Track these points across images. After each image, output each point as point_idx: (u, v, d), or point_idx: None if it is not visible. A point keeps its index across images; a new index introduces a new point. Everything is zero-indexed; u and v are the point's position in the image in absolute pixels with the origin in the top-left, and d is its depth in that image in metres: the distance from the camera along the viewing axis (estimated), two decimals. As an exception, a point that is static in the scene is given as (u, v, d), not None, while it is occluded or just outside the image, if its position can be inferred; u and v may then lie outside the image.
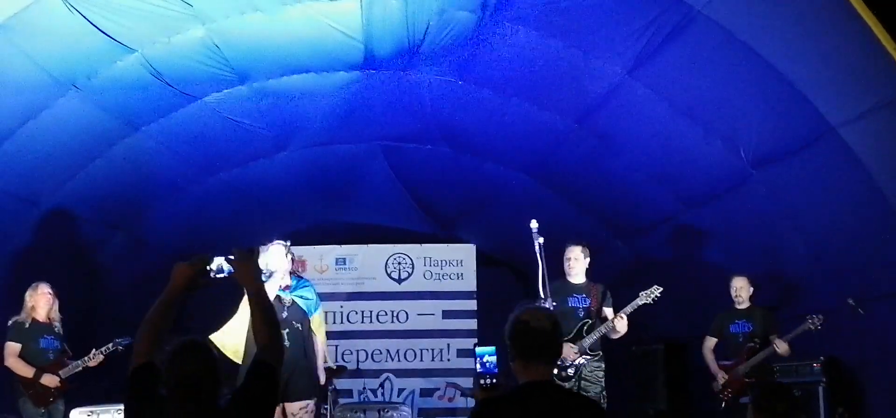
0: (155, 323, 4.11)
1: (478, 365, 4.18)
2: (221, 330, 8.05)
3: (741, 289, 8.91)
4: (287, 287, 8.10)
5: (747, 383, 8.62)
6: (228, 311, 7.99)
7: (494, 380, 4.13)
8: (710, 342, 9.15)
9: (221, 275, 4.21)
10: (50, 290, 8.74)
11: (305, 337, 8.12)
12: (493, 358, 4.13)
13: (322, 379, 8.46)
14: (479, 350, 4.22)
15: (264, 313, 4.13)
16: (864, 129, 7.11)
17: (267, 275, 7.83)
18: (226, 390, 4.04)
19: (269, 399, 3.98)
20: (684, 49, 7.53)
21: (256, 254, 4.25)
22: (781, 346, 8.43)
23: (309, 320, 8.17)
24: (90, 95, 8.08)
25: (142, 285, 10.97)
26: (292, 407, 7.87)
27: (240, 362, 7.74)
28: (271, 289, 7.89)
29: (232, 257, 4.17)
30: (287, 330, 7.89)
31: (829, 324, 8.25)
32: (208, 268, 4.20)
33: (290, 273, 8.22)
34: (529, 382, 3.87)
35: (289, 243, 8.21)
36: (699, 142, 8.40)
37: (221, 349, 7.85)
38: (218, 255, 4.22)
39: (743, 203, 8.74)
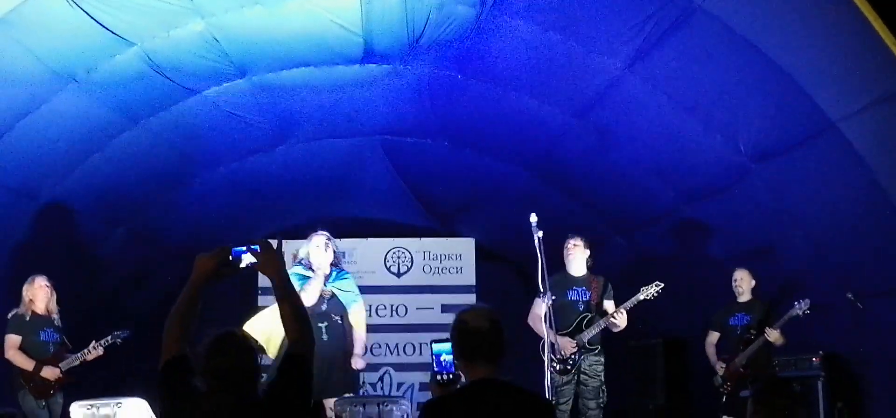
0: (181, 316, 4.06)
1: (434, 363, 4.23)
2: (253, 318, 8.07)
3: (742, 282, 8.90)
4: (326, 278, 8.11)
5: (745, 375, 8.63)
6: (248, 303, 7.96)
7: (451, 377, 4.18)
8: (712, 336, 9.15)
9: (244, 266, 4.18)
10: (47, 283, 8.76)
11: (346, 330, 8.11)
12: (450, 357, 4.18)
13: (359, 365, 8.26)
14: (436, 347, 4.26)
15: (292, 304, 4.09)
16: (864, 124, 7.11)
17: (301, 269, 7.89)
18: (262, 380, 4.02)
19: (303, 391, 3.96)
20: (683, 43, 7.52)
21: (280, 245, 4.22)
22: (772, 334, 8.43)
23: (348, 312, 8.17)
24: (90, 89, 8.07)
25: (141, 279, 11.00)
26: (331, 402, 7.82)
27: (265, 346, 7.68)
28: (316, 287, 7.93)
29: (255, 248, 4.14)
30: (326, 323, 7.97)
31: (829, 319, 8.26)
32: (231, 258, 4.17)
33: (331, 264, 8.21)
34: (474, 381, 3.98)
35: (328, 235, 8.21)
36: (699, 137, 8.40)
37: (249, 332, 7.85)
38: (237, 246, 4.19)
39: (743, 198, 8.73)
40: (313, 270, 8.06)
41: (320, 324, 7.93)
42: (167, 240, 11.27)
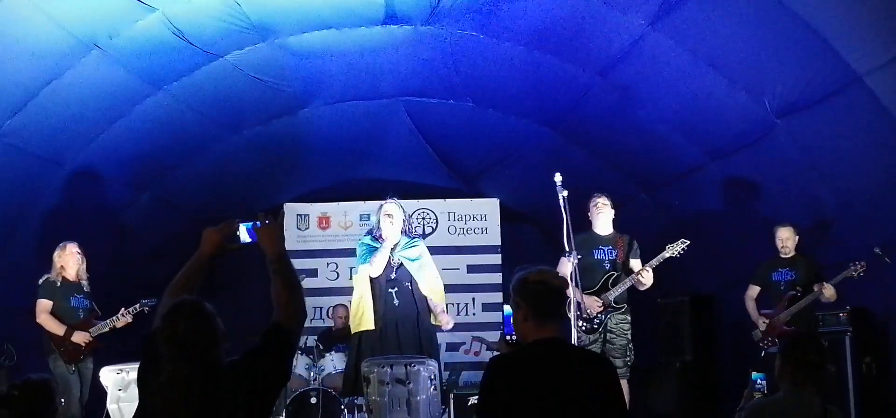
0: (180, 288, 4.03)
1: (505, 324, 4.27)
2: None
3: (787, 240, 8.76)
4: (395, 246, 8.39)
5: (788, 331, 8.54)
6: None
7: (519, 338, 4.18)
8: (753, 291, 9.01)
9: (244, 242, 4.15)
10: (78, 249, 8.82)
11: (416, 296, 8.37)
12: None
13: (446, 322, 8.63)
14: (507, 310, 4.28)
15: (285, 280, 3.97)
16: (890, 77, 7.04)
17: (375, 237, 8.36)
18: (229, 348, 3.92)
19: (281, 364, 3.87)
20: (707, -2, 7.48)
21: (282, 217, 4.17)
22: (828, 290, 8.27)
23: (417, 282, 8.40)
24: (112, 55, 8.10)
25: (167, 245, 11.05)
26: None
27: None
28: (382, 257, 8.28)
29: (258, 223, 4.07)
30: (396, 289, 8.30)
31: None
32: (237, 234, 4.14)
33: (401, 232, 8.47)
34: (542, 339, 3.97)
35: (397, 202, 8.53)
36: (724, 93, 8.34)
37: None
38: (244, 220, 4.15)
39: (769, 153, 8.68)
40: (381, 240, 8.34)
41: (390, 290, 8.33)
42: (192, 205, 11.32)
